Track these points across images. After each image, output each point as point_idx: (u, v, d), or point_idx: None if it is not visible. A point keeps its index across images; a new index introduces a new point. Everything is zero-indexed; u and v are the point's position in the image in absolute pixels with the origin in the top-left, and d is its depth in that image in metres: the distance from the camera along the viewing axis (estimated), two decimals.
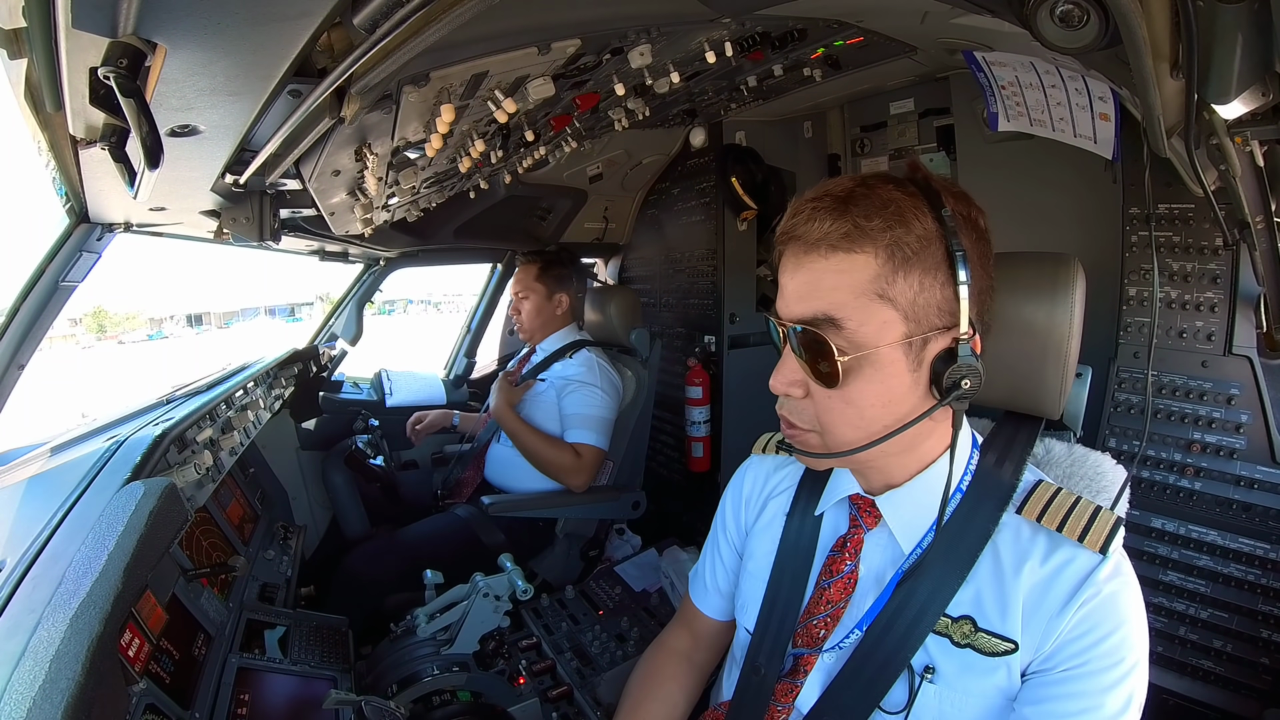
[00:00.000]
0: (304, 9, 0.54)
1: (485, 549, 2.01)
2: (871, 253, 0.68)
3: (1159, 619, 1.54)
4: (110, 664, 0.81)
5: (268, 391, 2.09)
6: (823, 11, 1.30)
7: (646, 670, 1.04)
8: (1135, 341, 1.57)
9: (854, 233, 0.68)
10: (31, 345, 1.51)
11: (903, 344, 0.69)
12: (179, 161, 0.95)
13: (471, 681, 1.33)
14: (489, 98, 1.15)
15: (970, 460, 0.80)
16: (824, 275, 0.69)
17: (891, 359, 0.69)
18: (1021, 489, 0.76)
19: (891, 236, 0.67)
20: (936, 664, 0.73)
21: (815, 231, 0.69)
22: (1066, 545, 0.71)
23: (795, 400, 0.75)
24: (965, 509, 0.75)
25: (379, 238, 2.33)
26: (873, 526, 0.81)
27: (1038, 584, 0.70)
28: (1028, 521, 0.74)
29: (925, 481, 0.78)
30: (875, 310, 0.68)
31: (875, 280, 0.68)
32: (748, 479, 1.01)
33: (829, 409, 0.72)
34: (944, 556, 0.74)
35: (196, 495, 1.26)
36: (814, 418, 0.74)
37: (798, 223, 0.71)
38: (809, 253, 0.70)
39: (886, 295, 0.68)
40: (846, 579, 0.81)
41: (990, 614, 0.71)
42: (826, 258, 0.69)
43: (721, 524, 1.03)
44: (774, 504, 0.94)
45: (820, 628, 0.80)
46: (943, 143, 2.05)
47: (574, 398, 2.18)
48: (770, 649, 0.84)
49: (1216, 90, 0.66)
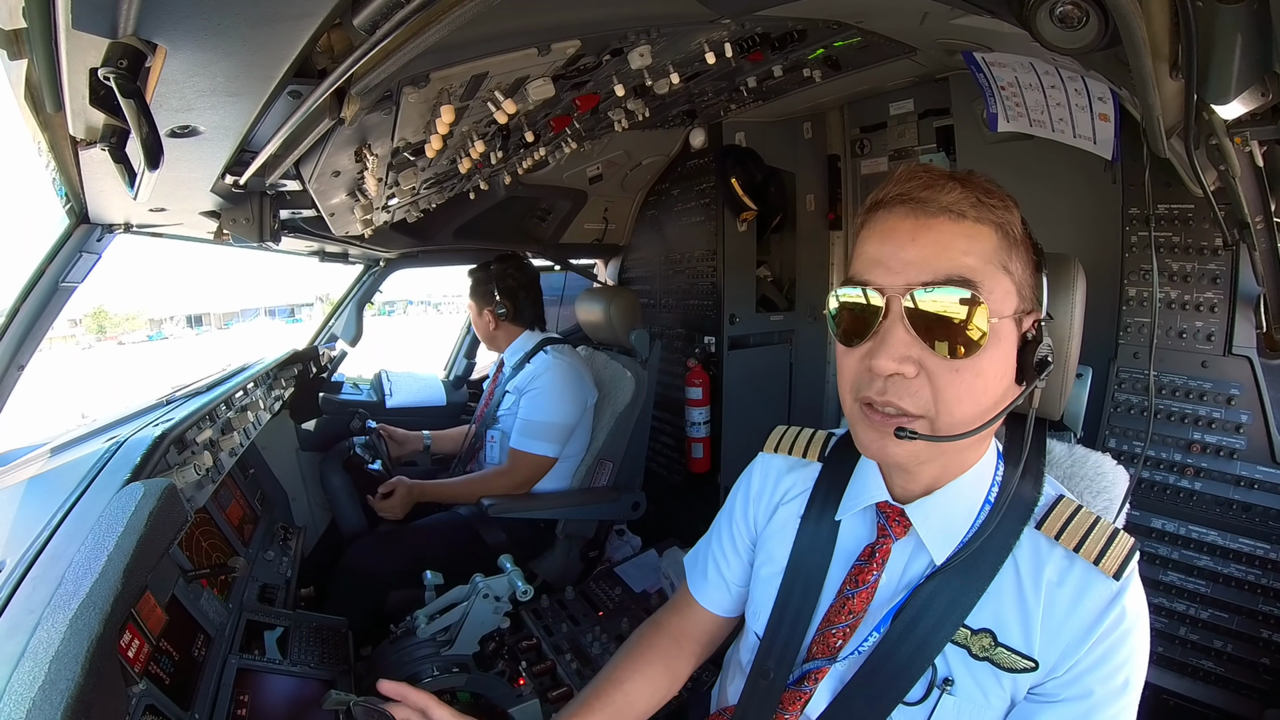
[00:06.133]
0: (304, 10, 0.54)
1: (486, 548, 2.01)
2: (993, 226, 0.68)
3: (1159, 619, 1.53)
4: (110, 665, 0.80)
5: (267, 392, 2.09)
6: (822, 12, 1.30)
7: (638, 646, 1.00)
8: (1135, 342, 1.57)
9: (980, 205, 0.68)
10: (31, 346, 1.51)
11: (1014, 317, 0.70)
12: (179, 162, 0.95)
13: (471, 682, 1.33)
14: (489, 98, 1.15)
15: (996, 471, 0.78)
16: (955, 239, 0.67)
17: (1009, 331, 0.70)
18: (1043, 503, 0.75)
19: (1005, 217, 0.69)
20: (954, 675, 0.72)
21: (943, 196, 0.68)
22: (1082, 566, 0.70)
23: (904, 381, 0.68)
24: (990, 521, 0.74)
25: (379, 239, 2.33)
26: (901, 536, 0.79)
27: (1057, 606, 0.70)
28: (1045, 538, 0.73)
29: (957, 489, 0.76)
30: (1000, 280, 0.68)
31: (999, 252, 0.68)
32: (756, 476, 0.97)
33: (955, 382, 0.67)
34: (965, 567, 0.73)
35: (196, 496, 1.25)
36: (929, 399, 0.68)
37: (914, 187, 0.69)
38: (936, 216, 0.68)
39: (1008, 268, 0.69)
40: (871, 589, 0.79)
41: (1011, 630, 0.71)
42: (957, 222, 0.68)
43: (729, 517, 0.99)
44: (786, 510, 0.91)
45: (839, 637, 0.79)
46: (942, 143, 2.05)
47: (523, 404, 2.16)
48: (780, 654, 0.82)
49: (1216, 90, 0.66)
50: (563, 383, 2.14)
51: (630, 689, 0.93)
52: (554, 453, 2.14)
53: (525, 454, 2.12)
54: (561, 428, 2.14)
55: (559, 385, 2.14)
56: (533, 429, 2.12)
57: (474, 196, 2.42)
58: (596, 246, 3.15)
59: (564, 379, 2.15)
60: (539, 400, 2.13)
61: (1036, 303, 0.72)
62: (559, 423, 2.13)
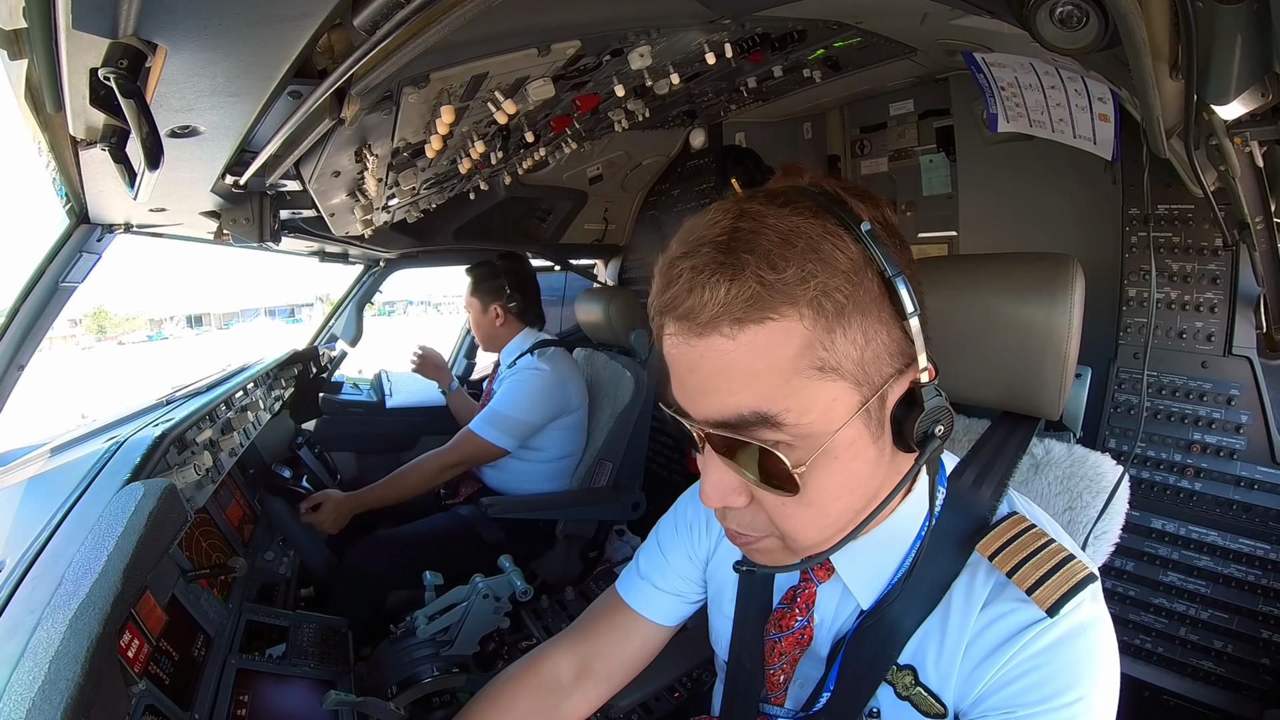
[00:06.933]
0: (304, 10, 0.54)
1: (487, 547, 2.01)
2: (794, 314, 0.50)
3: (1159, 620, 1.54)
4: (110, 665, 0.80)
5: (267, 393, 2.09)
6: (822, 13, 1.30)
7: (504, 698, 0.89)
8: (1135, 342, 1.57)
9: (761, 294, 0.49)
10: (31, 346, 1.51)
11: (861, 415, 0.54)
12: (179, 162, 0.95)
13: (471, 683, 1.33)
14: (489, 99, 1.15)
15: (939, 497, 0.69)
16: (735, 362, 0.51)
17: (851, 440, 0.54)
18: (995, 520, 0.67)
19: (815, 286, 0.50)
20: (882, 711, 0.67)
21: (706, 305, 0.50)
22: (1009, 595, 0.61)
23: (737, 510, 0.60)
24: (929, 551, 0.66)
25: (379, 239, 2.34)
26: (825, 580, 0.72)
27: (973, 637, 0.62)
28: (985, 560, 0.64)
29: (887, 530, 0.67)
30: (817, 389, 0.52)
31: (808, 350, 0.51)
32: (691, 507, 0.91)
33: (787, 515, 0.57)
34: (903, 602, 0.66)
35: (196, 496, 1.25)
36: (768, 524, 0.59)
37: (677, 294, 0.52)
38: (705, 335, 0.51)
39: (827, 365, 0.51)
40: (799, 634, 0.74)
41: (929, 667, 0.65)
42: (732, 338, 0.51)
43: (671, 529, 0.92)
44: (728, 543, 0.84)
45: (779, 675, 0.76)
46: (942, 144, 2.05)
47: (496, 396, 2.17)
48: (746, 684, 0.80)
49: (1216, 91, 0.66)
50: (540, 387, 2.14)
51: None
52: (509, 446, 2.12)
53: (478, 438, 2.09)
54: (525, 424, 2.13)
55: (534, 387, 2.14)
56: (496, 418, 2.11)
57: (474, 197, 2.42)
58: (596, 247, 3.15)
59: (542, 384, 2.15)
60: (511, 394, 2.14)
61: (904, 360, 0.55)
62: (524, 420, 2.12)
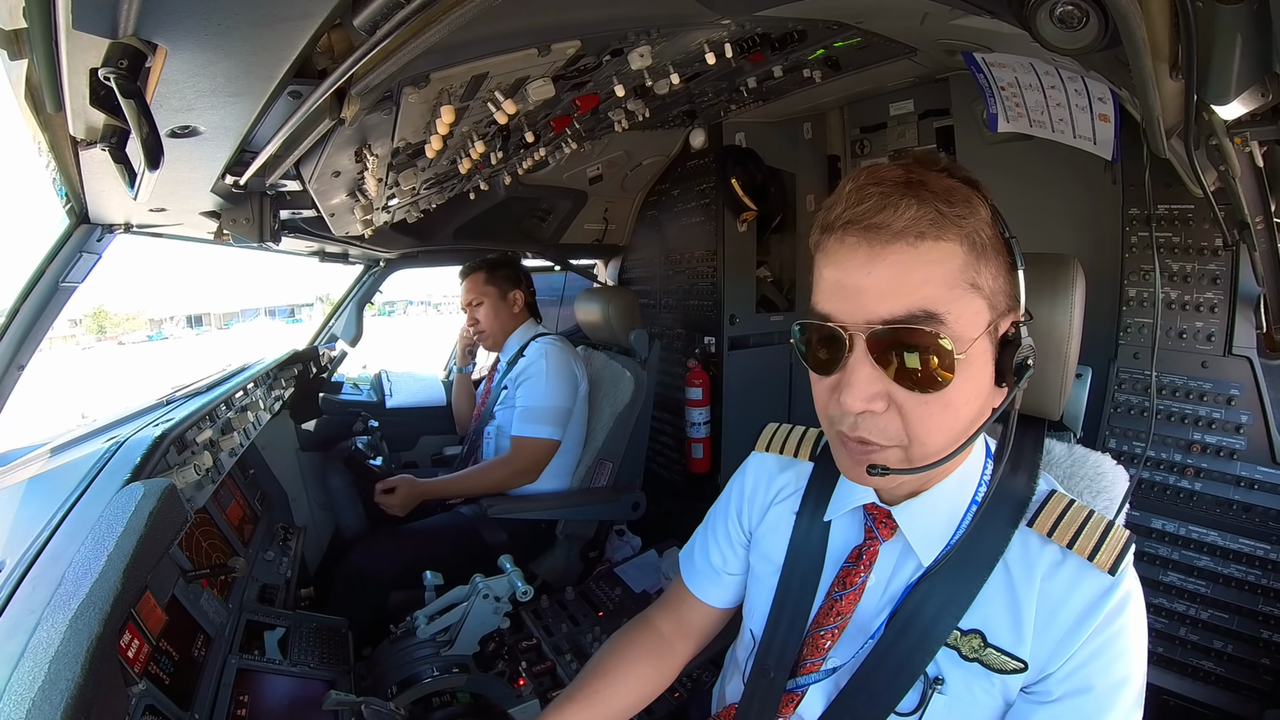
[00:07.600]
0: (304, 10, 0.54)
1: (488, 547, 2.01)
2: (957, 240, 0.63)
3: (1159, 619, 1.54)
4: (110, 665, 0.80)
5: (267, 393, 2.09)
6: (823, 13, 1.30)
7: (625, 643, 0.98)
8: (1135, 342, 1.57)
9: (940, 219, 0.62)
10: (31, 346, 1.51)
11: (988, 332, 0.66)
12: (179, 162, 0.95)
13: (471, 683, 1.33)
14: (489, 99, 1.15)
15: (985, 468, 0.77)
16: (914, 267, 0.62)
17: (983, 350, 0.66)
18: (1035, 500, 0.74)
19: (971, 224, 0.63)
20: (945, 675, 0.72)
21: (897, 218, 0.61)
22: (1074, 562, 0.69)
23: (873, 416, 0.66)
24: (981, 520, 0.73)
25: (379, 239, 2.34)
26: (888, 538, 0.78)
27: (1048, 603, 0.69)
28: (1037, 534, 0.72)
29: (943, 491, 0.75)
30: (968, 300, 0.64)
31: (965, 269, 0.63)
32: (749, 475, 0.97)
33: (925, 416, 0.65)
34: (957, 568, 0.72)
35: (196, 496, 1.25)
36: (900, 431, 0.66)
37: (867, 210, 0.63)
38: (891, 242, 0.62)
39: (976, 284, 0.64)
40: (858, 591, 0.78)
41: (1000, 631, 0.70)
42: (914, 246, 0.62)
43: (724, 512, 0.99)
44: (779, 508, 0.91)
45: (827, 639, 0.79)
46: (942, 144, 2.05)
47: (520, 393, 2.18)
48: (780, 653, 0.82)
49: (1216, 91, 0.66)
50: (558, 367, 2.18)
51: (617, 685, 0.93)
52: (557, 435, 2.14)
53: (528, 439, 2.12)
54: (561, 410, 2.16)
55: (554, 370, 2.17)
56: (533, 414, 2.12)
57: (474, 197, 2.42)
58: (596, 247, 3.15)
59: (559, 364, 2.18)
60: (537, 385, 2.15)
61: (1014, 301, 0.68)
62: (558, 406, 2.15)
